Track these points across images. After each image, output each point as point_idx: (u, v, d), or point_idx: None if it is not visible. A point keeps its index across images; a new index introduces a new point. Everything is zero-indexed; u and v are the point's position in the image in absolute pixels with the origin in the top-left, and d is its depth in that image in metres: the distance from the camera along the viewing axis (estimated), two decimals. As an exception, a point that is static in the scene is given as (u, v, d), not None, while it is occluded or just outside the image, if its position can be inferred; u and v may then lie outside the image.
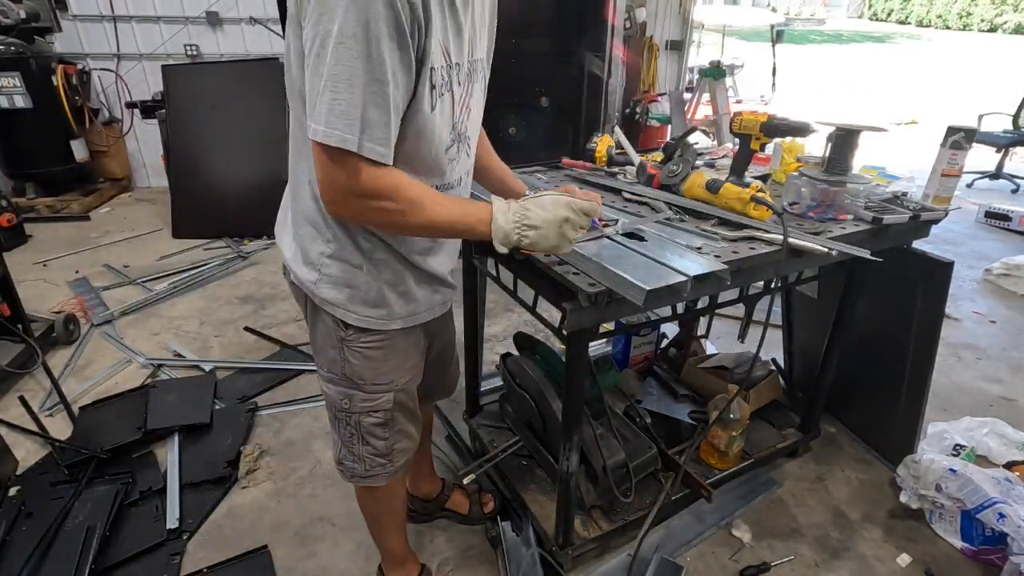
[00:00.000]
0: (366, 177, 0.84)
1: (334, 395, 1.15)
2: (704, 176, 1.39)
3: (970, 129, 1.63)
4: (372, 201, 0.86)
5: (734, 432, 1.76)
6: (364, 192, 0.85)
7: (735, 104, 5.65)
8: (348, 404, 1.15)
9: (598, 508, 1.65)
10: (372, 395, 1.14)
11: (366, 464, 1.22)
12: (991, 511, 1.61)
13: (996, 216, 4.49)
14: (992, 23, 26.48)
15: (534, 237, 0.97)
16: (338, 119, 0.79)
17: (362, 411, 1.15)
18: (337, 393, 1.14)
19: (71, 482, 1.87)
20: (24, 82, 3.99)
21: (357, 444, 1.19)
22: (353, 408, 1.15)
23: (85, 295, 3.11)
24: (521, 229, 0.96)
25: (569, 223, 0.98)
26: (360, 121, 0.80)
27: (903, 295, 1.83)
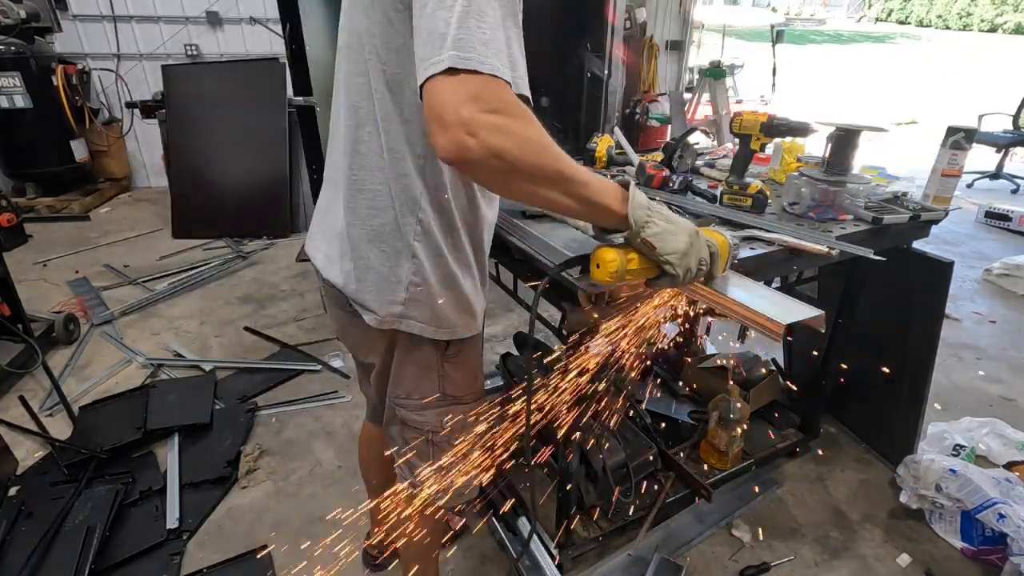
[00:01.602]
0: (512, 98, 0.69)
1: (432, 419, 1.06)
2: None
3: (970, 129, 1.62)
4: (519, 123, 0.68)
5: (734, 432, 1.76)
6: (513, 111, 0.68)
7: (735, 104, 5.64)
8: (449, 423, 1.07)
9: (598, 508, 1.65)
10: (471, 404, 1.09)
11: (464, 479, 1.14)
12: (991, 511, 1.61)
13: (996, 216, 4.49)
14: (992, 23, 26.49)
15: (664, 228, 0.83)
16: (487, 48, 0.67)
17: (463, 425, 1.09)
18: (436, 416, 1.06)
19: (71, 482, 1.87)
20: (24, 82, 3.99)
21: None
22: (454, 426, 1.08)
23: (85, 295, 3.11)
24: (653, 214, 0.83)
25: (699, 242, 0.86)
26: (507, 56, 0.69)
27: (903, 295, 1.83)
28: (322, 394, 2.37)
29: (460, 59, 0.65)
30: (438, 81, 0.66)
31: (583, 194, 0.78)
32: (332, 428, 2.20)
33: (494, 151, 0.67)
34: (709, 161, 1.92)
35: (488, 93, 0.66)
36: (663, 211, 0.85)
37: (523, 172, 0.71)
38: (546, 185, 0.74)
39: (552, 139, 0.73)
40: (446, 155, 0.68)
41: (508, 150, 0.68)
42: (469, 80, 0.66)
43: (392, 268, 0.93)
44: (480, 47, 0.66)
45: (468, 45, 0.66)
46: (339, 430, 2.19)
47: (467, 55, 0.65)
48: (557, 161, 0.73)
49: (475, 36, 0.66)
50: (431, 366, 1.02)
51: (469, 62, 0.65)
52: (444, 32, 0.66)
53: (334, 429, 2.20)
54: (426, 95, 0.67)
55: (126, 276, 3.38)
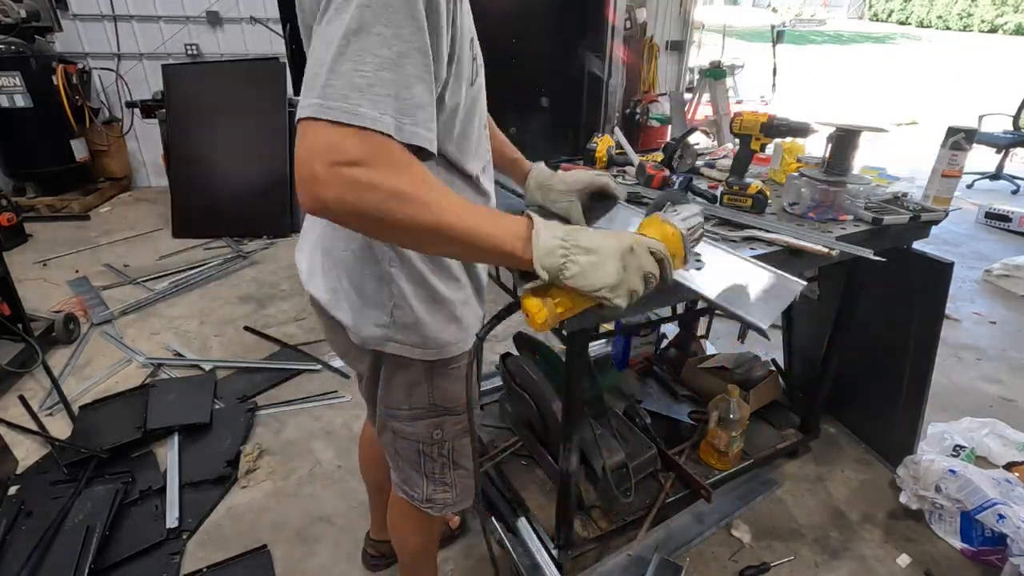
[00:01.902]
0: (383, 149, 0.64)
1: (423, 430, 1.04)
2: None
3: (970, 130, 1.62)
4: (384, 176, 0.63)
5: (734, 432, 1.76)
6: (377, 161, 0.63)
7: (735, 104, 5.65)
8: (441, 434, 1.05)
9: (598, 508, 1.65)
10: (463, 415, 1.05)
11: (457, 489, 1.13)
12: (991, 512, 1.61)
13: (996, 217, 4.49)
14: (992, 24, 26.48)
15: (584, 264, 0.72)
16: (363, 95, 0.62)
17: (455, 435, 1.07)
18: (426, 427, 1.04)
19: (71, 481, 1.87)
20: (24, 81, 3.99)
21: (448, 472, 1.10)
22: (446, 436, 1.06)
23: (85, 295, 3.11)
24: (569, 250, 0.72)
25: (634, 258, 0.75)
26: (395, 100, 0.64)
27: (903, 295, 1.83)
28: (322, 394, 2.37)
29: (323, 108, 0.61)
30: (302, 127, 0.62)
31: (477, 245, 0.70)
32: (332, 428, 2.20)
33: (350, 208, 0.62)
34: (709, 161, 1.92)
35: (350, 145, 0.61)
36: (583, 239, 0.74)
37: (393, 228, 0.66)
38: (426, 240, 0.69)
39: (434, 190, 0.67)
40: (305, 208, 0.64)
41: (369, 207, 0.63)
42: (330, 131, 0.61)
43: (373, 291, 0.91)
44: (353, 94, 0.61)
45: (338, 92, 0.61)
46: (339, 430, 2.19)
47: (331, 104, 0.61)
48: (431, 214, 0.66)
49: (348, 81, 0.61)
50: (421, 380, 1.00)
51: (332, 112, 0.61)
52: (317, 73, 0.62)
53: (334, 429, 2.20)
54: (297, 137, 0.63)
55: (126, 276, 3.38)
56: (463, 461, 1.12)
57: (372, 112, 0.62)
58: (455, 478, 1.12)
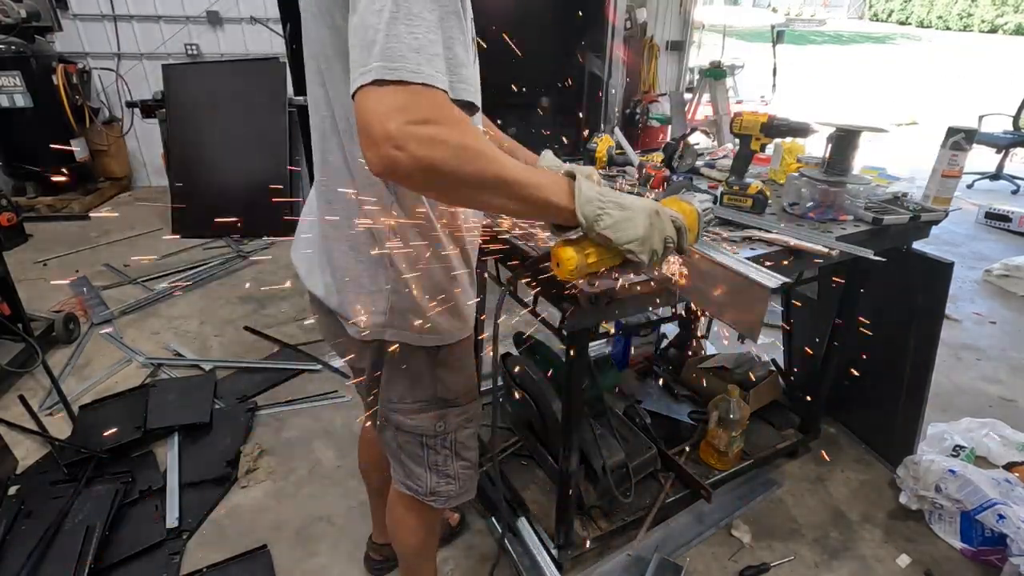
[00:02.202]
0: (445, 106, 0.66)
1: (426, 423, 1.05)
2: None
3: (970, 130, 1.62)
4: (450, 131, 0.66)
5: (734, 432, 1.76)
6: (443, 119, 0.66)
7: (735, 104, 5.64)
8: (443, 426, 1.06)
9: (598, 508, 1.65)
10: (466, 406, 1.08)
11: (461, 481, 1.14)
12: (991, 512, 1.61)
13: (996, 217, 4.49)
14: (993, 24, 26.48)
15: (618, 217, 0.79)
16: (419, 54, 0.64)
17: (458, 427, 1.08)
18: (430, 419, 1.05)
19: (71, 481, 1.87)
20: (24, 81, 3.99)
21: (451, 464, 1.11)
22: (449, 428, 1.07)
23: (85, 295, 3.11)
24: (605, 204, 0.79)
25: (659, 221, 0.82)
26: (444, 60, 0.67)
27: (903, 295, 1.83)
28: (322, 394, 2.37)
29: (387, 70, 0.63)
30: (365, 92, 0.64)
31: (528, 196, 0.75)
32: (332, 428, 2.20)
33: (425, 164, 0.64)
34: (709, 161, 1.92)
35: (418, 104, 0.64)
36: (616, 197, 0.81)
37: (460, 181, 0.69)
38: (487, 192, 0.72)
39: (489, 144, 0.71)
40: (376, 170, 0.66)
41: (441, 161, 0.65)
42: (397, 91, 0.63)
43: (371, 278, 0.92)
44: (411, 55, 0.64)
45: (397, 53, 0.63)
46: (339, 430, 2.19)
47: (395, 65, 0.63)
48: (494, 165, 0.70)
49: (404, 43, 0.64)
50: (423, 371, 1.01)
51: (397, 72, 0.63)
52: (373, 39, 0.64)
53: (334, 429, 2.20)
54: (356, 107, 0.65)
55: (126, 276, 3.38)
56: (466, 453, 1.13)
57: (431, 71, 0.65)
58: (458, 470, 1.12)
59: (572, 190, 0.79)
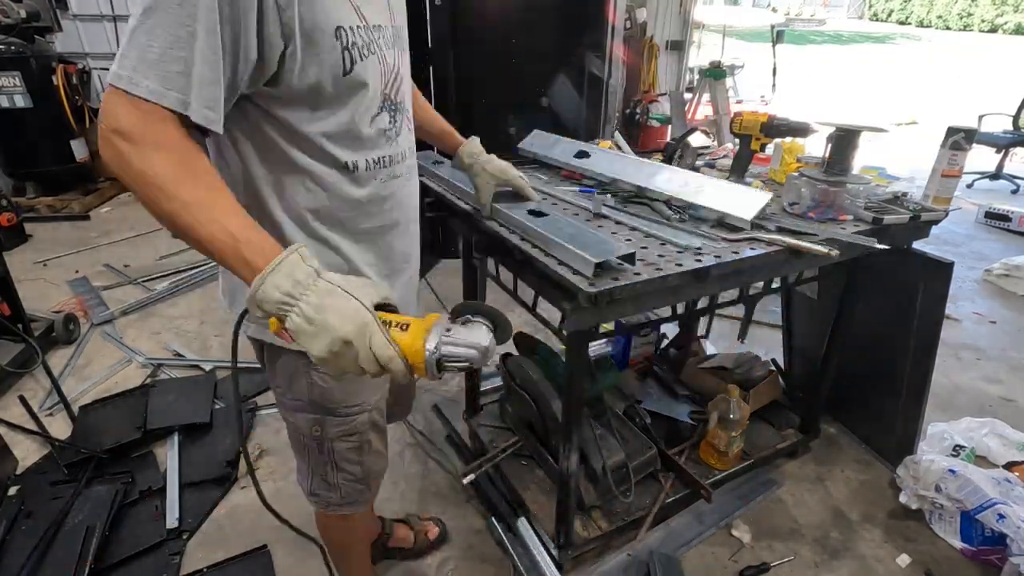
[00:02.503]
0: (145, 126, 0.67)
1: (302, 423, 1.04)
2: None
3: (970, 129, 1.63)
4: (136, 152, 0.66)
5: (734, 432, 1.76)
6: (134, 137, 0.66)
7: (735, 104, 5.65)
8: (320, 431, 1.04)
9: (598, 508, 1.65)
10: (346, 418, 1.04)
11: (342, 492, 1.13)
12: (991, 512, 1.61)
13: (996, 216, 4.49)
14: (993, 23, 26.50)
15: (297, 325, 0.67)
16: (152, 68, 0.66)
17: (336, 436, 1.05)
18: (306, 421, 1.03)
19: (71, 482, 1.87)
20: (24, 82, 3.99)
21: (331, 472, 1.10)
22: (326, 435, 1.05)
23: (85, 295, 3.11)
24: (291, 308, 0.66)
25: (354, 349, 0.67)
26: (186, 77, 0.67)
27: (903, 295, 1.83)
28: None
29: (115, 76, 0.66)
30: (106, 91, 0.69)
31: (206, 249, 0.69)
32: (332, 428, 2.20)
33: (115, 172, 0.69)
34: (709, 161, 1.92)
35: (123, 115, 0.66)
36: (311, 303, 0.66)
37: (143, 202, 0.69)
38: (167, 223, 0.70)
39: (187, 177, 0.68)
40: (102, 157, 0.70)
41: (124, 178, 0.68)
42: (114, 98, 0.67)
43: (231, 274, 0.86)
44: (141, 66, 0.66)
45: (128, 63, 0.66)
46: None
47: (121, 73, 0.66)
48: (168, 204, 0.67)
49: (138, 54, 0.66)
50: (298, 371, 0.98)
51: (120, 80, 0.66)
52: (123, 41, 0.67)
53: (334, 429, 2.19)
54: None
55: (126, 276, 3.38)
56: (347, 466, 1.10)
57: (156, 86, 0.66)
58: (339, 479, 1.11)
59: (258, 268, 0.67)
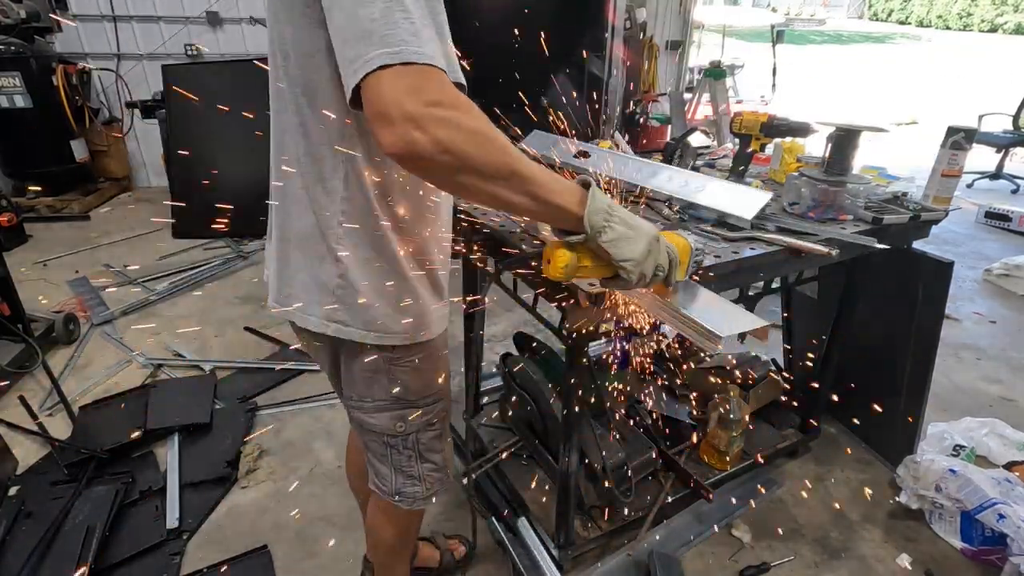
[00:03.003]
0: (452, 89, 0.66)
1: (385, 422, 1.04)
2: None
3: (970, 129, 1.63)
4: (465, 116, 0.65)
5: (734, 432, 1.76)
6: (457, 103, 0.65)
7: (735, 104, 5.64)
8: (403, 427, 1.05)
9: (598, 508, 1.65)
10: (427, 408, 1.06)
11: (427, 484, 1.13)
12: (991, 512, 1.61)
13: (996, 216, 4.49)
14: (992, 23, 26.49)
15: (621, 233, 0.78)
16: (418, 38, 0.65)
17: (419, 428, 1.06)
18: (389, 419, 1.04)
19: (71, 482, 1.87)
20: (24, 82, 3.99)
21: (416, 465, 1.10)
22: (409, 429, 1.06)
23: (85, 295, 3.11)
24: (612, 218, 0.78)
25: (657, 248, 0.82)
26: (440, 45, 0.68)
27: (903, 295, 1.83)
28: (322, 394, 2.37)
29: (391, 54, 0.63)
30: (373, 79, 0.64)
31: (537, 193, 0.73)
32: (332, 428, 2.20)
33: (443, 146, 0.64)
34: (709, 161, 1.92)
35: (427, 85, 0.64)
36: (624, 214, 0.80)
37: (472, 168, 0.67)
38: (497, 182, 0.70)
39: (501, 133, 0.70)
40: (394, 151, 0.65)
41: (457, 144, 0.64)
42: (405, 73, 0.63)
43: (317, 272, 0.91)
44: (410, 38, 0.64)
45: (398, 39, 0.64)
46: (339, 430, 2.19)
47: (397, 48, 0.63)
48: (507, 156, 0.69)
49: (403, 28, 0.64)
50: (379, 370, 0.99)
51: (401, 55, 0.63)
52: (369, 29, 0.64)
53: (334, 429, 2.20)
54: (365, 95, 0.65)
55: (126, 276, 3.38)
56: (431, 455, 1.11)
57: (432, 51, 0.65)
58: (423, 472, 1.11)
59: (583, 198, 0.77)
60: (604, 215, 0.78)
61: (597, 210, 0.77)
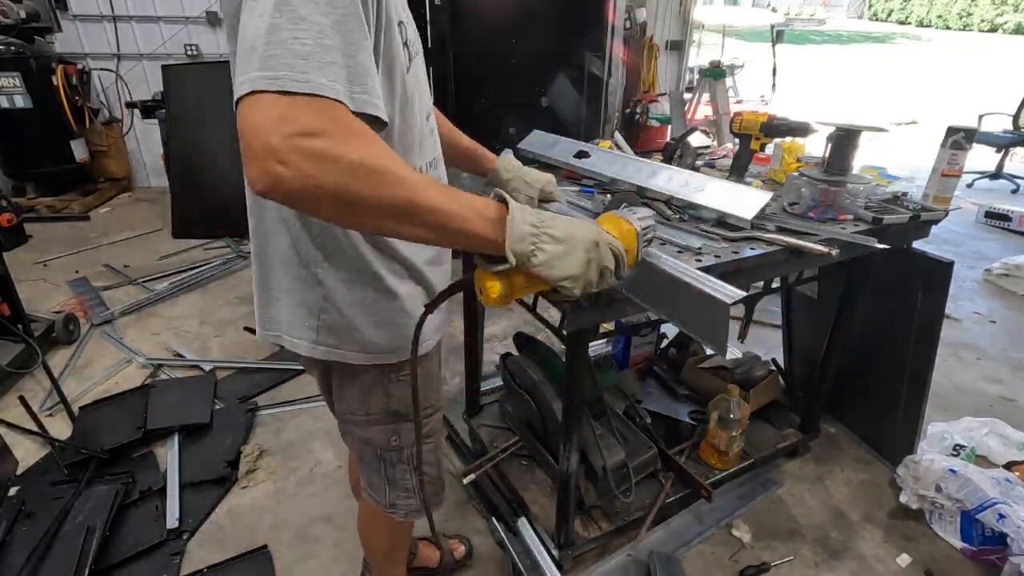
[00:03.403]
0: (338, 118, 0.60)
1: (379, 437, 1.03)
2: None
3: (970, 129, 1.63)
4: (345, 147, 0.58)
5: (734, 432, 1.76)
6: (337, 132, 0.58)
7: (735, 104, 5.65)
8: (398, 440, 1.03)
9: (598, 508, 1.65)
10: (424, 420, 1.05)
11: (421, 496, 1.11)
12: (991, 511, 1.61)
13: (996, 216, 4.49)
14: (992, 23, 26.49)
15: (551, 252, 0.71)
16: (307, 62, 0.58)
17: (414, 440, 1.03)
18: (383, 433, 1.02)
19: (71, 482, 1.87)
20: (24, 82, 3.99)
21: (411, 478, 1.09)
22: (404, 443, 1.04)
23: (85, 295, 3.11)
24: (539, 238, 0.71)
25: (597, 252, 0.75)
26: (343, 68, 0.61)
27: (903, 295, 1.83)
28: (322, 395, 2.37)
29: (268, 79, 0.57)
30: (246, 103, 0.58)
31: (447, 225, 0.66)
32: (332, 428, 2.20)
33: (313, 181, 0.57)
34: (709, 161, 1.92)
35: (302, 115, 0.57)
36: (552, 226, 0.72)
37: (358, 203, 0.60)
38: (392, 219, 0.63)
39: (398, 162, 0.63)
40: (257, 187, 0.58)
41: (331, 178, 0.58)
42: (280, 101, 0.57)
43: (300, 295, 0.88)
44: (297, 62, 0.58)
45: (280, 61, 0.57)
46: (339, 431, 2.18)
47: (276, 74, 0.57)
48: (402, 188, 0.62)
49: (289, 49, 0.58)
50: (374, 386, 0.97)
51: (279, 81, 0.57)
52: (253, 45, 0.59)
53: (334, 429, 2.18)
54: (237, 119, 0.59)
55: (126, 276, 3.38)
56: (427, 468, 1.10)
57: (321, 79, 0.59)
58: (418, 484, 1.10)
59: (501, 221, 0.70)
60: (529, 240, 0.70)
61: (520, 236, 0.69)
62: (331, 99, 0.59)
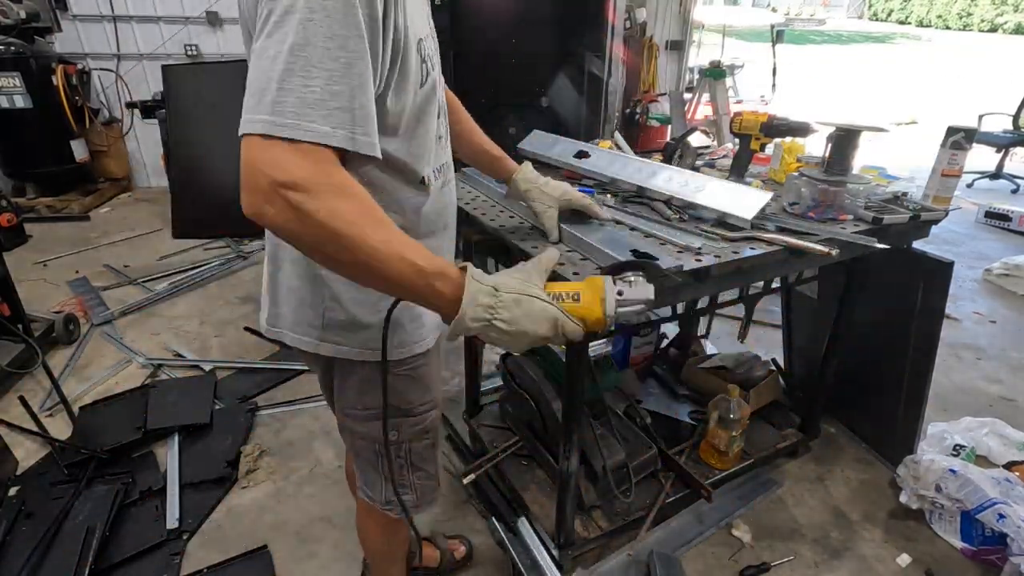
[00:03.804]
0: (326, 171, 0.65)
1: (377, 431, 1.01)
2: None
3: (970, 129, 1.63)
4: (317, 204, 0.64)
5: (734, 432, 1.76)
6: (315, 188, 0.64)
7: (735, 104, 5.64)
8: (396, 435, 1.04)
9: (598, 508, 1.65)
10: (420, 416, 1.05)
11: (419, 492, 1.12)
12: (991, 511, 1.61)
13: (996, 216, 4.49)
14: (992, 23, 26.50)
15: (496, 339, 0.75)
16: (315, 110, 0.63)
17: (412, 437, 1.06)
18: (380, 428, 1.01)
19: (71, 482, 1.87)
20: (24, 82, 3.99)
21: (407, 474, 1.10)
22: (402, 437, 1.05)
23: (85, 295, 3.11)
24: (496, 313, 0.73)
25: (548, 335, 0.77)
26: (349, 112, 0.66)
27: (903, 295, 1.83)
28: (322, 394, 2.37)
29: (276, 126, 0.62)
30: (250, 139, 0.64)
31: (403, 295, 0.73)
32: (332, 428, 2.20)
33: (290, 225, 0.64)
34: (709, 161, 1.92)
35: (295, 165, 0.63)
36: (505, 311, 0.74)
37: (323, 254, 0.68)
38: (351, 270, 0.70)
39: (366, 220, 0.67)
40: (246, 213, 0.66)
41: (295, 233, 0.65)
42: (278, 147, 0.63)
43: (307, 294, 0.92)
44: (305, 110, 0.63)
45: (288, 108, 0.62)
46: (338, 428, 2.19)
47: (283, 121, 0.62)
48: (359, 253, 0.66)
49: (299, 97, 0.63)
50: (372, 380, 0.98)
51: (285, 129, 0.62)
52: (264, 88, 0.63)
53: (334, 429, 2.18)
54: (242, 148, 0.64)
55: (126, 276, 3.38)
56: (422, 464, 1.11)
57: (324, 127, 0.64)
58: (414, 480, 1.11)
59: (456, 297, 0.72)
60: (483, 320, 0.73)
61: (473, 318, 0.72)
62: (328, 147, 0.65)
